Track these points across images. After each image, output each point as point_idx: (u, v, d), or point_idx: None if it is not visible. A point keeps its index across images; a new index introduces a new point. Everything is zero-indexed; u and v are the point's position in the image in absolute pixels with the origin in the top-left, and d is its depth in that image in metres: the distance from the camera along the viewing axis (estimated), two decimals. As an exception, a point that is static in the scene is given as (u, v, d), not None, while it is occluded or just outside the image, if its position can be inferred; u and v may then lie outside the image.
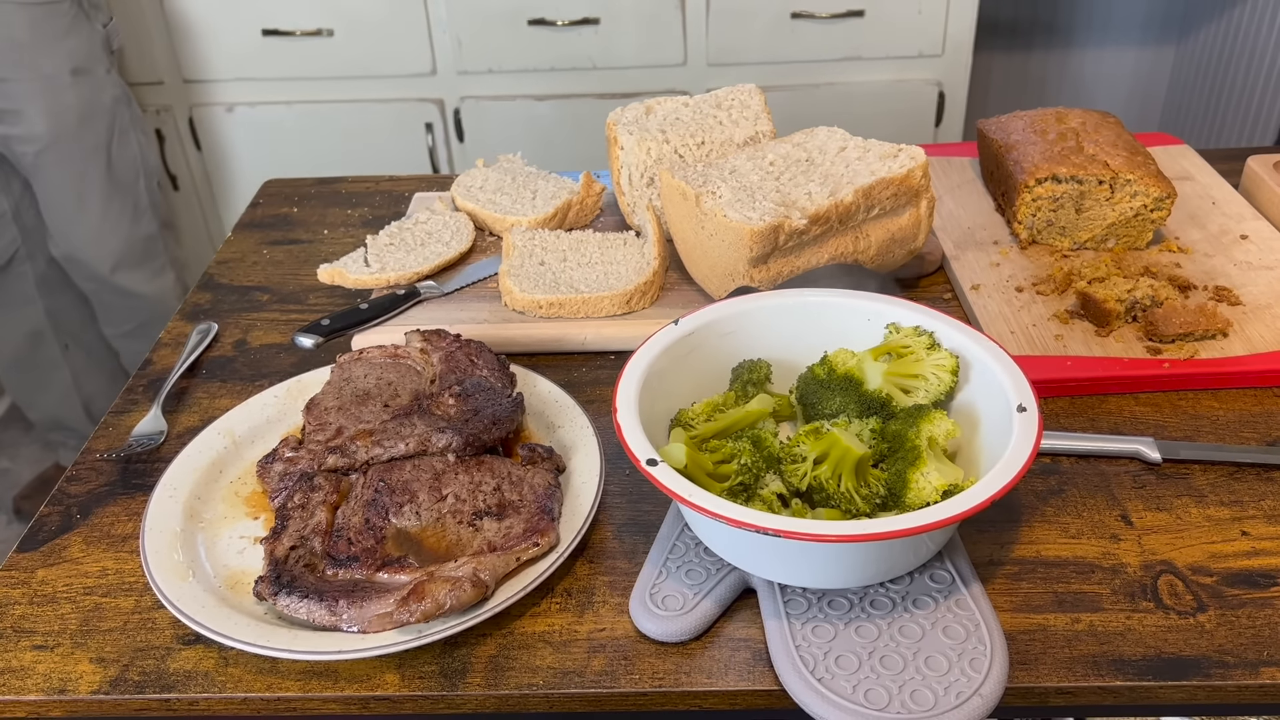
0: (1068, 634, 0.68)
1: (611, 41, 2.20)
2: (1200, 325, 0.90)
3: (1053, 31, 2.72)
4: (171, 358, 1.00)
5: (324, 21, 2.17)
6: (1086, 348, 0.91)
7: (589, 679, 0.67)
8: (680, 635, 0.69)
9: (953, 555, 0.72)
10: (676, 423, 0.78)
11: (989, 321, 0.95)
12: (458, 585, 0.68)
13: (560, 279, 1.01)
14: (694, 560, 0.73)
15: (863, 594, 0.69)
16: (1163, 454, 0.81)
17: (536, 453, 0.80)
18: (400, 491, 0.75)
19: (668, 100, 1.12)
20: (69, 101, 1.87)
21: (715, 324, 0.81)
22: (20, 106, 1.83)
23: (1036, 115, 1.11)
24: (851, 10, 2.15)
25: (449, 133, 2.31)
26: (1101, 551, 0.74)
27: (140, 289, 2.06)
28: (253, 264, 1.16)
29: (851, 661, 0.65)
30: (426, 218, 1.14)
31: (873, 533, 0.61)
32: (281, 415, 0.88)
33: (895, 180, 0.92)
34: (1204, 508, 0.77)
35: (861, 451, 0.71)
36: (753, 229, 0.88)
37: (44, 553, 0.78)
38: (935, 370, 0.76)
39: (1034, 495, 0.79)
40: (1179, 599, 0.70)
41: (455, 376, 0.86)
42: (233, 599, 0.72)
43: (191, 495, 0.80)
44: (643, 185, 1.08)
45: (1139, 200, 1.01)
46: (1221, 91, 2.44)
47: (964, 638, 0.66)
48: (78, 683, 0.68)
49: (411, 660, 0.69)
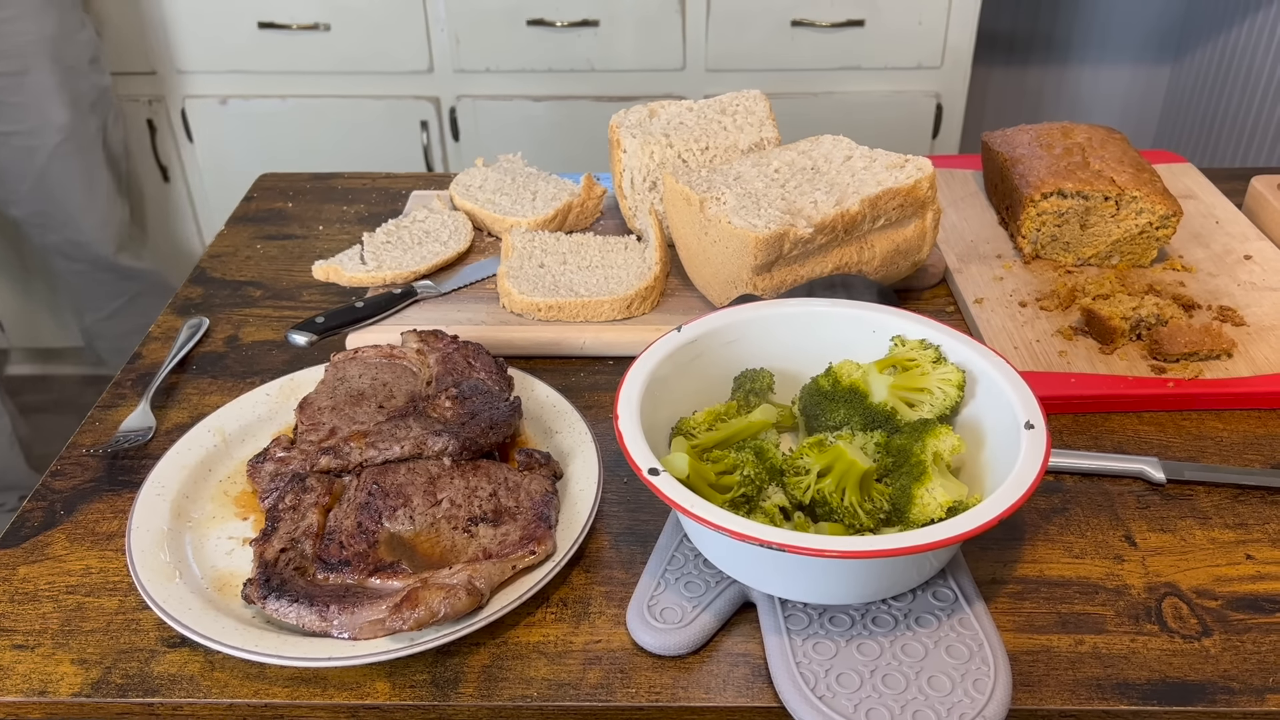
0: (1071, 656, 0.67)
1: (610, 44, 2.19)
2: (1205, 345, 0.89)
3: (1051, 46, 2.73)
4: (161, 352, 0.99)
5: (321, 16, 2.15)
6: (1090, 365, 0.90)
7: (584, 691, 0.66)
8: (678, 649, 0.67)
9: (956, 573, 0.71)
10: (678, 431, 0.77)
11: (992, 336, 0.94)
12: (452, 593, 0.66)
13: (560, 282, 0.99)
14: (693, 572, 0.71)
15: (864, 611, 0.68)
16: (1167, 474, 0.80)
17: (534, 458, 0.78)
18: (394, 495, 0.74)
19: (671, 104, 1.11)
20: (84, 89, 1.96)
21: (718, 332, 0.80)
22: (39, 98, 1.89)
23: (1042, 129, 1.11)
24: (852, 20, 2.15)
25: (444, 131, 2.29)
26: (1105, 572, 0.73)
27: (137, 265, 2.16)
28: (246, 258, 1.14)
29: (853, 680, 0.64)
30: (424, 216, 1.12)
31: (879, 549, 0.60)
32: (273, 414, 0.87)
33: (902, 191, 0.91)
34: (1208, 530, 0.77)
35: (866, 465, 0.70)
36: (758, 236, 0.87)
37: (26, 549, 0.76)
38: (941, 384, 0.75)
39: (1037, 514, 0.78)
40: (1183, 622, 0.70)
41: (452, 379, 0.85)
42: (220, 601, 0.70)
43: (179, 494, 0.78)
44: (645, 189, 1.06)
45: (1144, 218, 1.01)
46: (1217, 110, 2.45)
47: (967, 658, 0.65)
48: (58, 684, 0.66)
49: (403, 669, 0.67)
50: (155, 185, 2.34)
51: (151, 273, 2.19)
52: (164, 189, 2.36)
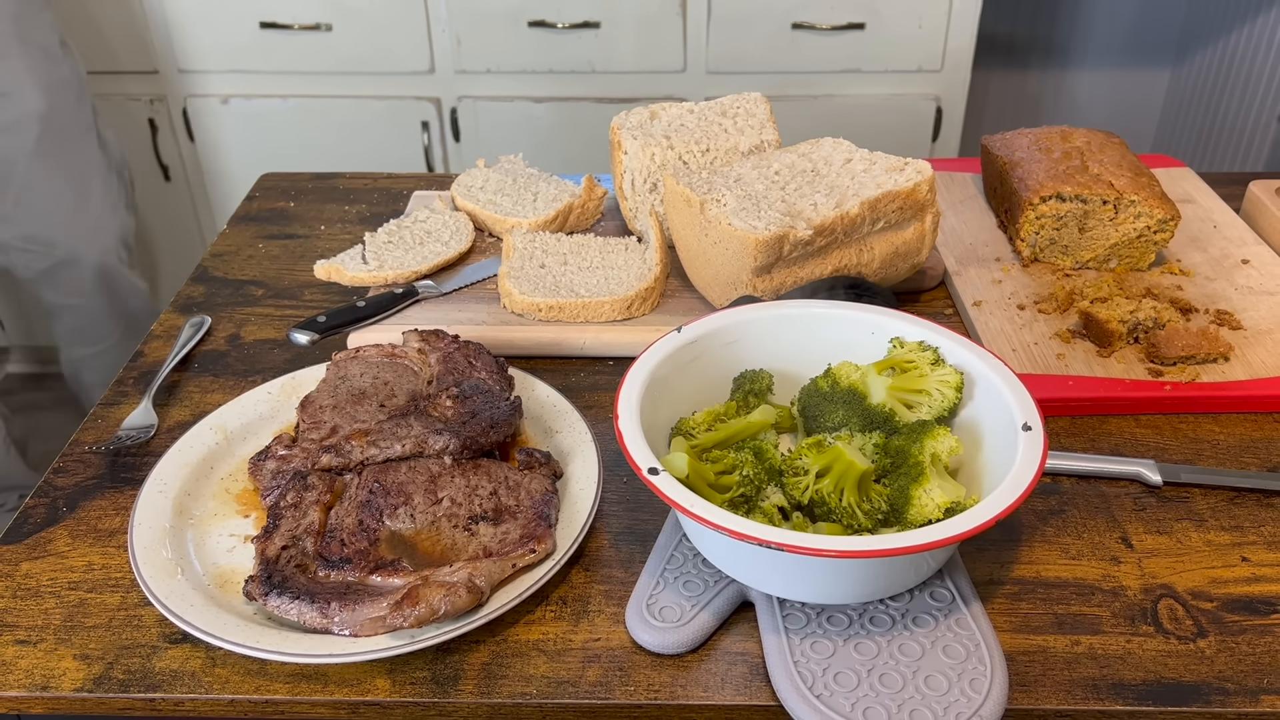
0: (1067, 656, 0.68)
1: (611, 46, 2.20)
2: (1202, 349, 0.90)
3: (1050, 50, 2.73)
4: (163, 350, 0.99)
5: (322, 16, 2.15)
6: (1088, 368, 0.90)
7: (584, 689, 0.66)
8: (677, 647, 0.68)
9: (953, 573, 0.71)
10: (677, 431, 0.77)
11: (990, 338, 0.94)
12: (453, 591, 0.66)
13: (560, 282, 1.00)
14: (692, 571, 0.72)
15: (862, 610, 0.69)
16: (1163, 477, 0.81)
17: (534, 458, 0.79)
18: (395, 493, 0.74)
19: (672, 106, 1.11)
20: (64, 74, 1.80)
21: (718, 332, 0.80)
22: (13, 85, 1.75)
23: (1041, 133, 1.11)
24: (852, 23, 2.15)
25: (445, 132, 2.30)
26: (1102, 574, 0.74)
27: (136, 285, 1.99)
28: (248, 258, 1.14)
29: (850, 679, 0.64)
30: (426, 216, 1.12)
31: (878, 549, 0.60)
32: (275, 412, 0.87)
33: (901, 194, 0.92)
34: (1204, 532, 0.77)
35: (865, 466, 0.70)
36: (757, 238, 0.88)
37: (29, 545, 0.77)
38: (940, 386, 0.76)
39: (1034, 515, 0.79)
40: (1179, 624, 0.70)
41: (453, 378, 0.85)
42: (221, 598, 0.71)
43: (181, 491, 0.78)
44: (645, 190, 1.07)
45: (1143, 221, 1.01)
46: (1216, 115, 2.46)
47: (964, 657, 0.65)
48: (61, 679, 0.67)
49: (403, 666, 0.68)
50: (157, 185, 2.35)
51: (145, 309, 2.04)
52: (165, 189, 2.36)
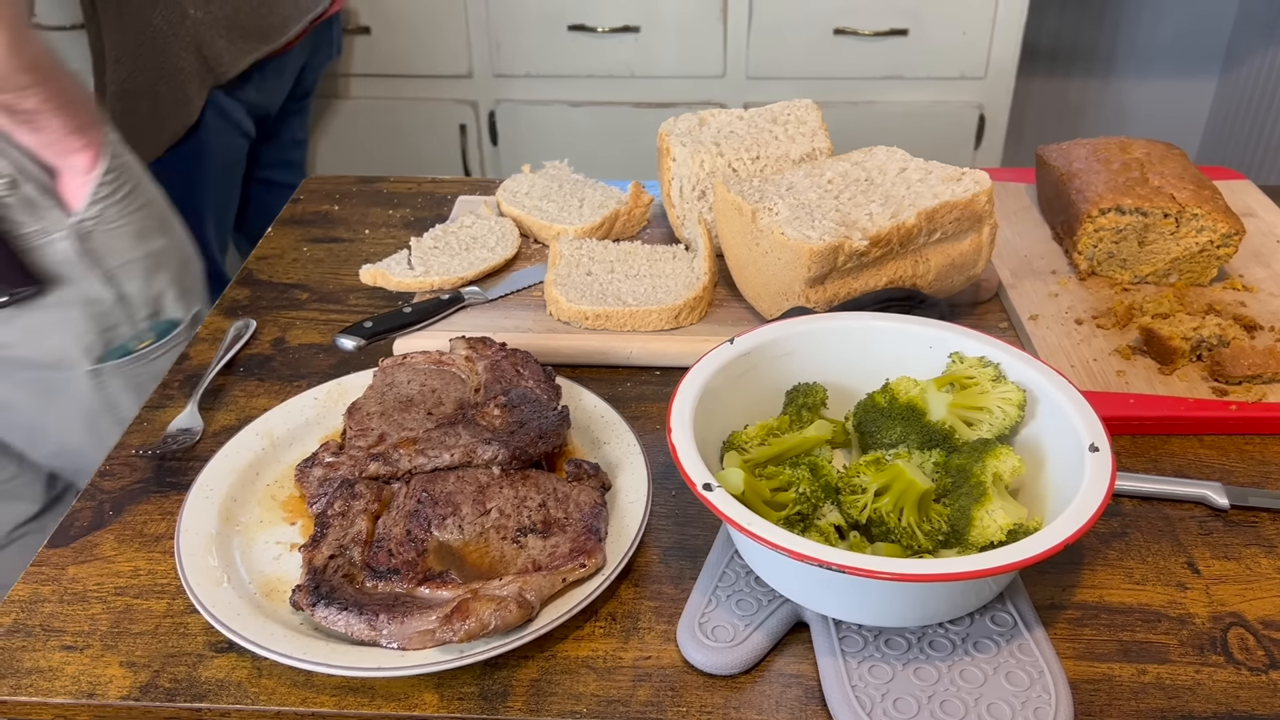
0: (1134, 686, 0.66)
1: (651, 50, 2.18)
2: (1270, 368, 0.87)
3: (1094, 59, 2.69)
4: (208, 353, 0.98)
5: (361, 19, 2.16)
6: (1149, 385, 0.88)
7: (634, 709, 0.65)
8: (730, 668, 0.66)
9: (1014, 597, 0.69)
10: (729, 445, 0.76)
11: (1048, 354, 0.92)
12: (503, 605, 0.65)
13: (607, 290, 0.98)
14: (744, 590, 0.70)
15: (921, 634, 0.67)
16: (1231, 500, 0.78)
17: (583, 469, 0.77)
18: (443, 503, 0.73)
19: (721, 112, 1.10)
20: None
21: (772, 344, 0.79)
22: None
23: (1099, 143, 1.09)
24: (895, 29, 2.13)
25: (482, 135, 2.30)
26: (1168, 600, 0.71)
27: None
28: (292, 261, 1.14)
29: (910, 705, 0.62)
30: (471, 222, 1.12)
31: (942, 573, 0.58)
32: (321, 418, 0.86)
33: (960, 204, 0.90)
34: (1274, 558, 0.74)
35: (925, 485, 0.68)
36: (812, 248, 0.86)
37: (75, 549, 0.76)
38: (1001, 403, 0.74)
39: (1096, 537, 0.77)
40: (1250, 654, 0.68)
41: (500, 386, 0.84)
42: (268, 607, 0.70)
43: (227, 497, 0.78)
44: (694, 198, 1.05)
45: (1205, 235, 0.99)
46: (1264, 125, 2.41)
47: (1027, 685, 0.63)
48: (107, 687, 0.66)
49: (451, 680, 0.66)
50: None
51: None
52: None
